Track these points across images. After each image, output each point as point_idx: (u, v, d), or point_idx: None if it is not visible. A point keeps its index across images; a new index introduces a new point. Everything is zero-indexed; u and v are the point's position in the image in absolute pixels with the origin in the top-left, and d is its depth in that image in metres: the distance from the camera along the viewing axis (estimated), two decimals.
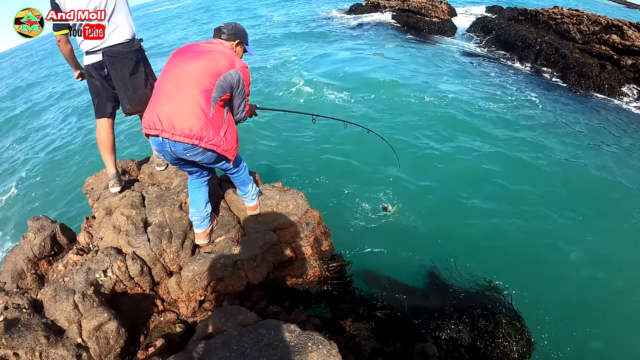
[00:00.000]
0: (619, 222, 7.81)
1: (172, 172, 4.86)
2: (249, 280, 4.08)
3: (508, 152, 10.36)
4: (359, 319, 4.68)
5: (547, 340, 5.50)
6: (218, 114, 3.27)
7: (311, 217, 4.72)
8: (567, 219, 7.78)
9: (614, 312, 5.97)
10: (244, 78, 3.37)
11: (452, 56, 18.95)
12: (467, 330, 5.11)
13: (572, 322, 5.78)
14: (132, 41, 3.98)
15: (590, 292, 6.31)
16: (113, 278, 3.77)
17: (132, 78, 3.96)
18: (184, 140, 3.12)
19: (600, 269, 6.72)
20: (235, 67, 3.30)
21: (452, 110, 12.84)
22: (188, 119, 3.10)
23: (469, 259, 6.61)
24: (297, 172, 9.66)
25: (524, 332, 5.08)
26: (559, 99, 13.87)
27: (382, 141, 6.26)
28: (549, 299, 6.05)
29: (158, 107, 3.19)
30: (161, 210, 4.24)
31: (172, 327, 3.88)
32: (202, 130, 3.13)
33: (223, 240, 4.22)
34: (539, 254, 6.96)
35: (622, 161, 9.95)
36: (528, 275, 6.47)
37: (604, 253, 7.04)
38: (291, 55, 20.34)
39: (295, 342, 2.93)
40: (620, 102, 13.58)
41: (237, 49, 3.63)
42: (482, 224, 7.61)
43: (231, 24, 3.64)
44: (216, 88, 3.18)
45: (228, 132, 3.37)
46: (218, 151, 3.31)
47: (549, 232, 7.48)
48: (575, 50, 16.29)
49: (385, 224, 7.55)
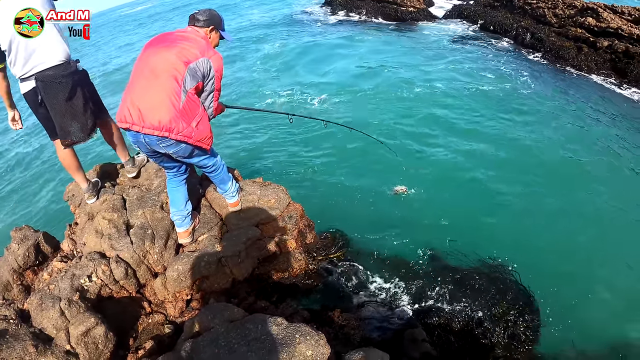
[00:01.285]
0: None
1: (152, 173, 4.85)
2: (235, 277, 4.10)
3: (495, 130, 10.46)
4: (347, 309, 4.72)
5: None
6: (190, 104, 3.22)
7: (293, 211, 4.75)
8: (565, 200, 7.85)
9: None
10: (215, 68, 3.31)
11: (429, 43, 18.94)
12: (457, 315, 5.18)
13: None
14: (66, 63, 3.69)
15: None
16: (98, 282, 3.76)
17: (68, 104, 3.71)
18: (154, 133, 3.11)
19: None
20: (206, 55, 3.25)
21: (434, 93, 12.89)
22: (157, 111, 3.08)
23: (458, 244, 6.64)
24: (277, 167, 9.63)
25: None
26: (543, 79, 14.06)
27: (365, 135, 6.24)
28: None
29: (129, 99, 3.17)
30: (142, 211, 4.23)
31: (160, 328, 3.90)
32: (172, 121, 3.10)
33: (206, 238, 4.23)
34: (536, 234, 6.96)
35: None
36: (528, 254, 6.44)
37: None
38: (270, 51, 20.28)
39: (283, 335, 2.97)
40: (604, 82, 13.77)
41: (212, 35, 3.56)
42: (470, 210, 7.61)
43: (205, 10, 3.56)
44: (186, 77, 3.14)
45: (201, 123, 3.32)
46: (190, 142, 3.27)
47: (542, 212, 7.48)
48: (551, 34, 16.44)
49: (371, 215, 7.57)
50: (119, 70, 22.93)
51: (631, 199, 7.65)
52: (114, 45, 34.98)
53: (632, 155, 9.14)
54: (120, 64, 25.05)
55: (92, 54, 31.75)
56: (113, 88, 18.95)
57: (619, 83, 13.47)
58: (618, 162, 8.91)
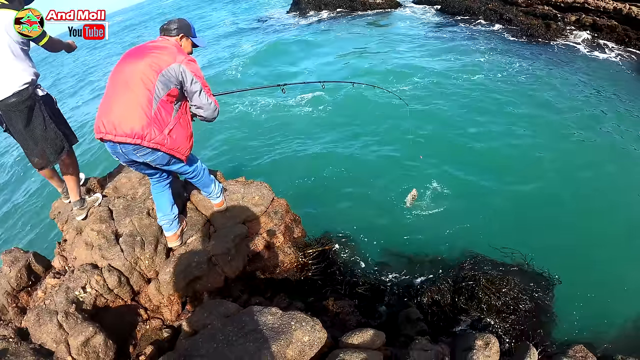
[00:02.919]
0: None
1: (135, 182, 4.88)
2: (227, 275, 4.16)
3: (480, 105, 10.73)
4: (341, 298, 4.79)
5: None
6: (163, 112, 3.25)
7: (278, 206, 4.82)
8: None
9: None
10: (191, 70, 3.30)
11: (402, 30, 19.20)
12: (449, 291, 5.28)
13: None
14: (25, 90, 3.61)
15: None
16: (93, 293, 3.79)
17: (27, 130, 3.72)
18: (127, 141, 3.14)
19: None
20: (178, 61, 3.27)
21: (407, 76, 13.20)
22: (129, 120, 3.12)
23: (455, 229, 6.77)
24: (261, 165, 9.74)
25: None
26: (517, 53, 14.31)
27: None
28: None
29: (103, 110, 3.22)
30: (130, 219, 4.27)
31: (159, 333, 3.93)
32: (143, 129, 3.13)
33: (195, 239, 4.28)
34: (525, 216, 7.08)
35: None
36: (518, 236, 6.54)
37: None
38: (246, 51, 20.32)
39: (279, 324, 3.05)
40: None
41: (184, 42, 3.61)
42: (458, 192, 7.72)
43: (174, 19, 3.62)
44: (157, 85, 3.16)
45: (175, 131, 3.35)
46: (163, 150, 3.30)
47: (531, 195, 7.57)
48: (519, 14, 16.70)
49: (358, 205, 7.66)
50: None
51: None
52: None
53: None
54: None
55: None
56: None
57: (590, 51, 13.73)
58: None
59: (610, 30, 13.89)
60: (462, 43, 15.94)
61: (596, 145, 8.76)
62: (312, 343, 2.92)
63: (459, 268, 5.77)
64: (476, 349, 3.29)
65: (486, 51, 14.70)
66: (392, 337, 4.15)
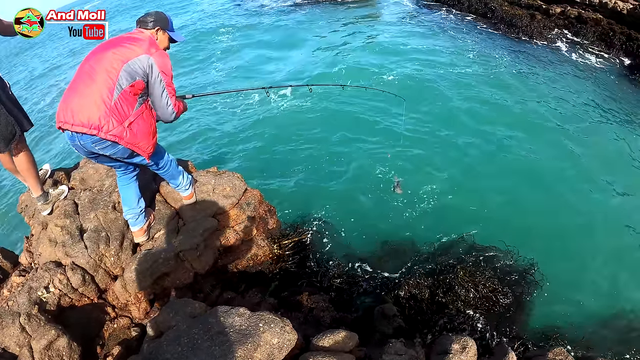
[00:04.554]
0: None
1: (103, 174, 4.69)
2: (196, 271, 4.03)
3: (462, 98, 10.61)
4: (316, 292, 4.70)
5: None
6: (124, 103, 3.10)
7: (251, 197, 4.67)
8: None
9: None
10: (159, 64, 3.18)
11: (385, 17, 18.99)
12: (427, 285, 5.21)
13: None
14: None
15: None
16: (56, 293, 3.64)
17: None
18: (83, 131, 2.99)
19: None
20: (148, 53, 3.14)
21: (387, 63, 13.07)
22: (86, 109, 2.97)
23: (427, 221, 6.71)
24: (235, 155, 9.48)
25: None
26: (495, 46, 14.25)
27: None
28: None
29: (64, 98, 3.09)
30: (95, 214, 4.09)
31: (127, 332, 3.83)
32: (100, 119, 2.98)
33: (162, 234, 4.12)
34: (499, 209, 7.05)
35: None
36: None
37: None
38: (224, 42, 19.77)
39: (246, 325, 2.92)
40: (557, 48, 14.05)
41: (160, 36, 3.47)
42: (436, 183, 7.64)
43: (152, 12, 3.49)
44: (121, 75, 3.02)
45: (135, 125, 3.19)
46: (121, 143, 3.14)
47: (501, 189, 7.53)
48: (504, 3, 16.63)
49: (335, 196, 7.55)
50: None
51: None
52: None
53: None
54: None
55: None
56: None
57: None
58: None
59: (595, 24, 13.85)
60: (447, 34, 15.73)
61: (576, 140, 8.81)
62: (281, 345, 2.80)
63: (437, 262, 5.71)
64: (452, 352, 3.20)
65: (471, 44, 14.55)
66: (367, 334, 4.07)
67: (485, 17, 16.75)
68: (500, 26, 15.47)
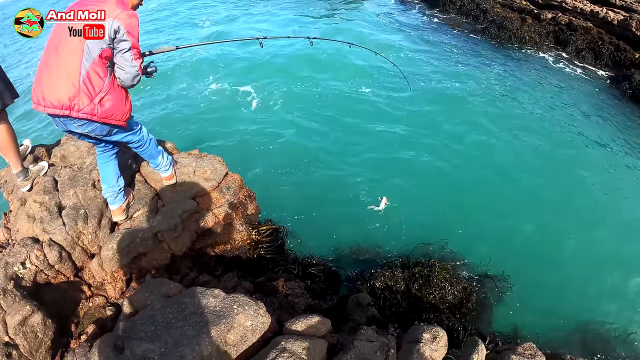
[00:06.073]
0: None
1: (84, 151, 4.65)
2: (173, 252, 4.03)
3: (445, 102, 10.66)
4: (292, 279, 4.72)
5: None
6: (94, 76, 2.98)
7: (232, 181, 4.68)
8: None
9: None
10: (124, 25, 2.95)
11: (371, 18, 18.79)
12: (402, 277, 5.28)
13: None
14: None
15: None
16: (32, 269, 3.62)
17: None
18: (55, 112, 2.94)
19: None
20: (112, 15, 2.92)
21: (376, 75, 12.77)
22: (55, 89, 2.91)
23: (406, 212, 6.82)
24: (219, 138, 9.42)
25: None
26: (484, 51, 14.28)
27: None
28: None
29: (37, 77, 3.01)
30: (74, 191, 4.07)
31: (102, 311, 3.80)
32: (70, 100, 2.92)
33: (141, 213, 4.12)
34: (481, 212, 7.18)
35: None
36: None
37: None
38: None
39: (220, 307, 2.94)
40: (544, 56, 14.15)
41: None
42: (417, 179, 7.80)
43: None
44: (86, 47, 2.90)
45: (107, 99, 3.08)
46: (95, 120, 3.07)
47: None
48: (496, 5, 16.74)
49: (316, 184, 7.64)
50: None
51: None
52: None
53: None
54: None
55: None
56: None
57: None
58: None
59: (585, 32, 14.00)
60: (430, 37, 15.62)
61: (558, 143, 9.04)
62: (254, 328, 2.84)
63: (414, 256, 5.82)
64: (423, 342, 3.25)
65: (456, 47, 14.59)
66: (340, 322, 4.10)
67: (476, 18, 16.78)
68: (491, 28, 15.50)
